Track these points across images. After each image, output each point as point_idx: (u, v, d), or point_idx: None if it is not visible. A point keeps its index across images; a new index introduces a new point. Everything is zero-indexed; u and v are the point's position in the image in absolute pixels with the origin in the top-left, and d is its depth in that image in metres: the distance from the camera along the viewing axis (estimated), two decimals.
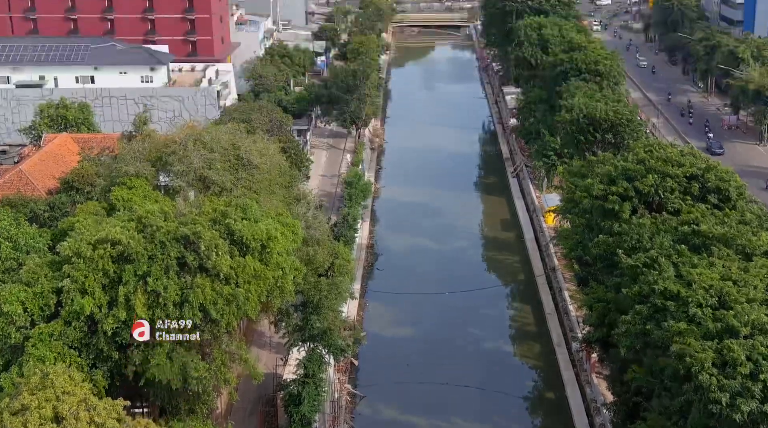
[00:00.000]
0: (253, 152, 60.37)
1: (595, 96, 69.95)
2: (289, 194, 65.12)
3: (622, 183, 50.65)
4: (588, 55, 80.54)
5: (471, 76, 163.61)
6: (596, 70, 79.34)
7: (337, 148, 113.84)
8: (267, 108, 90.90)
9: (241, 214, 49.59)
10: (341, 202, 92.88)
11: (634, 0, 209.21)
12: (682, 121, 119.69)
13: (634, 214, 50.21)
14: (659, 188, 49.68)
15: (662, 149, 52.91)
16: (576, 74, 79.57)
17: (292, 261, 48.48)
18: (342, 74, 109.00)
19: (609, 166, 52.57)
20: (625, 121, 63.96)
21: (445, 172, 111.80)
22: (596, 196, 51.11)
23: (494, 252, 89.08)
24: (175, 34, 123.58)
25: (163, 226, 45.50)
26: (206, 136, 59.35)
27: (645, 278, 38.62)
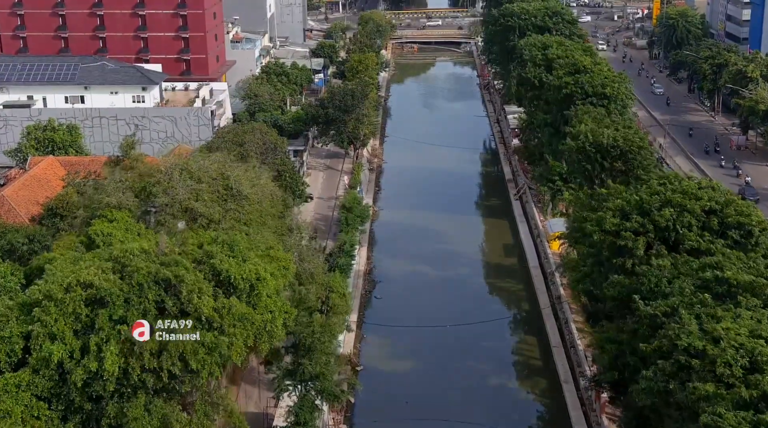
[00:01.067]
0: (243, 182, 57.15)
1: (603, 121, 66.66)
2: (282, 225, 61.79)
3: (636, 217, 47.33)
4: (594, 77, 77.30)
5: (472, 94, 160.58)
6: (603, 93, 76.11)
7: (335, 169, 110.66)
8: (261, 130, 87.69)
9: (228, 251, 46.30)
10: (338, 226, 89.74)
11: (637, 16, 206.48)
12: (690, 142, 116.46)
13: (649, 250, 46.89)
14: (676, 223, 46.38)
15: (678, 181, 49.59)
16: (582, 98, 76.33)
17: (282, 302, 45.18)
18: (339, 94, 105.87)
19: (621, 199, 49.21)
20: (636, 148, 60.68)
21: (446, 193, 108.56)
22: (608, 231, 47.79)
23: (497, 279, 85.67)
24: (168, 53, 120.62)
25: (142, 267, 42.21)
26: (193, 165, 56.10)
27: (666, 332, 35.24)
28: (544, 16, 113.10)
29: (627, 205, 48.42)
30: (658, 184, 49.82)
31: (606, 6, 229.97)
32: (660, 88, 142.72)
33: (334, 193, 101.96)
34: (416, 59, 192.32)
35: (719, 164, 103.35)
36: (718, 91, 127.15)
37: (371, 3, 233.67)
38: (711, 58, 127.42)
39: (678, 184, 49.29)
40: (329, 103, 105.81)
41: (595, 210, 51.38)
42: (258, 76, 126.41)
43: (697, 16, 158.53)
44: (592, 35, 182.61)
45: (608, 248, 47.67)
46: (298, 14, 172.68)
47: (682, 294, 37.72)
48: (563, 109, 78.06)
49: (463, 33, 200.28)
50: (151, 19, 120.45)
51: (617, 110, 76.04)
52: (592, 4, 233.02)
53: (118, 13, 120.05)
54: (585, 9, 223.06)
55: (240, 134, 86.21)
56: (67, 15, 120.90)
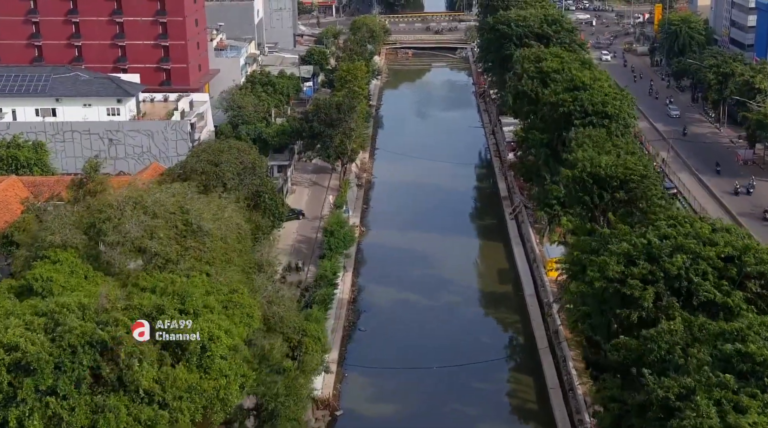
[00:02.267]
0: (205, 216, 51.46)
1: (604, 145, 61.07)
2: (250, 261, 56.16)
3: (643, 263, 41.77)
4: (594, 94, 71.60)
5: (467, 102, 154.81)
6: (604, 112, 70.42)
7: (321, 185, 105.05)
8: (238, 148, 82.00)
9: (179, 304, 40.70)
10: (322, 248, 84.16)
11: (638, 20, 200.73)
12: (694, 156, 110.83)
13: (658, 301, 41.28)
14: (689, 271, 40.82)
15: (690, 223, 43.99)
16: (581, 116, 70.70)
17: (238, 365, 39.53)
18: (325, 107, 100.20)
19: (627, 242, 43.59)
20: (638, 178, 55.08)
21: (438, 211, 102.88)
22: (612, 279, 42.22)
23: (490, 309, 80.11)
24: (147, 62, 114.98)
25: (76, 327, 36.65)
26: (148, 198, 50.42)
27: (680, 422, 29.71)
28: (542, 24, 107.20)
29: (633, 249, 42.80)
30: (668, 226, 44.17)
31: (607, 9, 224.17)
32: (676, 109, 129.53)
33: (319, 212, 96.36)
34: (411, 65, 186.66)
35: (734, 191, 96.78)
36: (724, 101, 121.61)
37: (365, 7, 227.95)
38: (716, 67, 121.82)
39: (690, 226, 43.67)
40: (314, 117, 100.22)
41: (597, 252, 45.79)
42: (242, 85, 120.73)
43: (700, 22, 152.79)
44: (595, 45, 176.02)
45: (612, 297, 42.13)
46: (287, 19, 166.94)
47: (698, 371, 32.20)
48: (561, 129, 72.49)
49: (459, 38, 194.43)
50: (129, 26, 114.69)
51: (619, 130, 70.38)
52: (591, 8, 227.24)
53: (95, 21, 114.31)
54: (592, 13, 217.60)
55: (216, 153, 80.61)
56: (40, 22, 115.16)
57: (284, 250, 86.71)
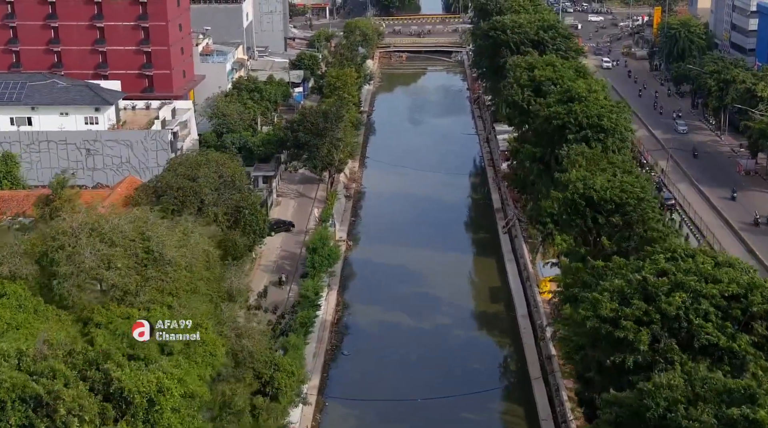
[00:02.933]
0: (168, 243, 47.71)
1: (600, 163, 57.36)
2: (219, 289, 52.41)
3: (638, 302, 38.08)
4: (590, 107, 67.82)
5: (461, 108, 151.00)
6: (600, 125, 66.66)
7: (307, 197, 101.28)
8: (217, 161, 78.32)
9: (128, 348, 36.98)
10: (305, 266, 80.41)
11: (637, 23, 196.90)
12: (694, 164, 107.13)
13: (655, 343, 37.57)
14: (689, 312, 37.14)
15: (690, 256, 40.26)
16: (576, 130, 66.96)
17: (192, 418, 35.78)
18: (311, 116, 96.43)
19: (620, 278, 39.85)
20: (634, 201, 51.33)
21: (429, 224, 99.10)
22: (605, 318, 38.53)
23: (481, 332, 76.37)
24: (129, 68, 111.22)
25: (6, 380, 32.90)
26: (106, 224, 46.68)
27: None
28: (538, 30, 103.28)
29: (627, 285, 39.12)
30: (666, 260, 40.44)
31: (604, 11, 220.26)
32: (684, 125, 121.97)
33: (304, 226, 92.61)
34: (405, 69, 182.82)
35: (731, 196, 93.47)
36: (725, 109, 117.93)
37: (359, 9, 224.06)
38: (717, 73, 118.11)
39: (690, 260, 39.93)
40: (299, 126, 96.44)
41: (589, 286, 42.10)
42: (228, 92, 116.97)
43: (700, 26, 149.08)
44: (596, 52, 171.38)
45: (605, 338, 38.42)
46: (278, 22, 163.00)
47: None
48: (554, 142, 68.75)
49: (454, 41, 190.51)
50: (110, 31, 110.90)
51: (615, 145, 66.64)
52: (589, 9, 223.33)
53: (74, 25, 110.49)
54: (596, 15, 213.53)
55: (193, 167, 76.93)
56: (18, 27, 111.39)
57: (267, 267, 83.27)
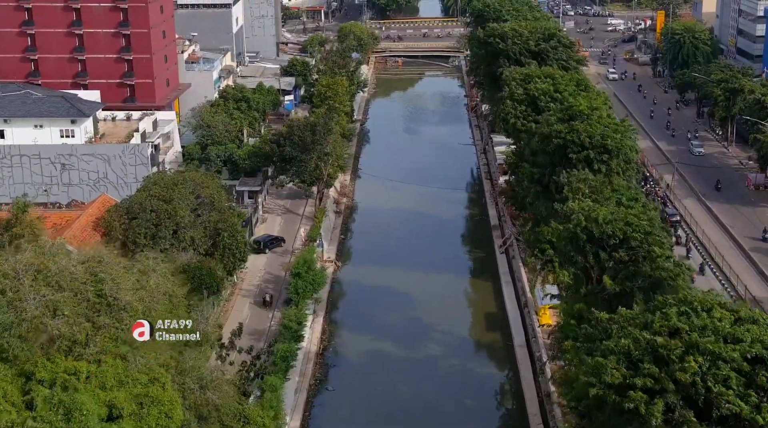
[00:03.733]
0: (124, 285, 42.84)
1: (603, 191, 52.49)
2: None
3: (649, 367, 33.26)
4: (593, 126, 62.83)
5: (458, 116, 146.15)
6: (603, 146, 61.72)
7: (295, 213, 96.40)
8: (194, 180, 73.59)
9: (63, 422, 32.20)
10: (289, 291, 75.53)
11: (639, 26, 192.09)
12: (700, 178, 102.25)
13: (669, 413, 32.75)
14: (707, 377, 32.37)
15: (707, 310, 35.40)
16: (578, 150, 62.06)
17: None
18: (298, 129, 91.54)
19: (627, 337, 34.94)
20: (641, 235, 46.41)
21: (422, 242, 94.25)
22: (610, 385, 33.70)
23: (476, 363, 71.38)
24: (109, 77, 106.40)
25: None
26: (53, 265, 41.80)
27: None
28: (538, 40, 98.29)
29: (636, 346, 34.27)
30: (678, 315, 35.52)
31: (604, 15, 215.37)
32: (700, 146, 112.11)
33: (290, 246, 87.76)
34: (400, 74, 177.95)
35: (762, 237, 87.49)
36: (732, 119, 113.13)
37: (355, 12, 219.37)
38: (724, 82, 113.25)
39: (707, 315, 35.03)
40: (286, 140, 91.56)
41: (591, 339, 37.22)
42: (214, 102, 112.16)
43: (705, 31, 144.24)
44: (601, 60, 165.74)
45: (612, 409, 33.58)
46: (270, 27, 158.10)
47: None
48: (554, 162, 63.89)
49: (452, 46, 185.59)
50: (90, 38, 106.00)
51: (620, 166, 61.76)
52: (592, 13, 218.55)
53: (52, 32, 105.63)
54: None
55: (168, 187, 72.19)
56: None
57: (249, 291, 78.53)
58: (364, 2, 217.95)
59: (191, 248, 71.27)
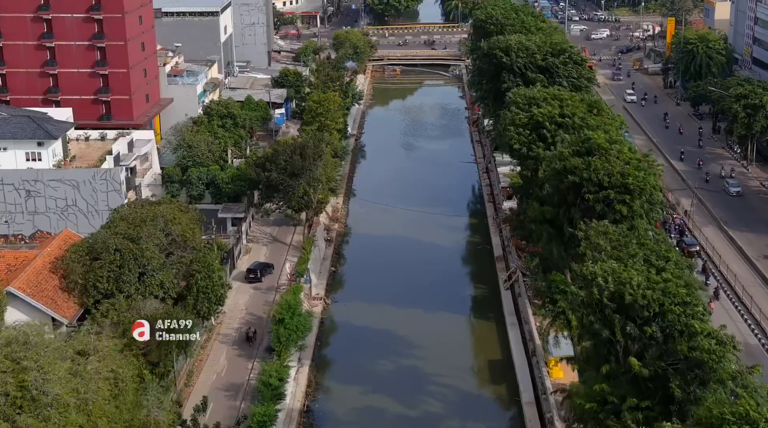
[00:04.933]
0: (54, 373, 35.31)
1: (628, 247, 44.88)
2: (132, 423, 39.96)
3: None
4: (613, 163, 55.13)
5: (459, 130, 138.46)
6: (624, 185, 54.06)
7: (282, 242, 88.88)
8: (165, 216, 66.11)
9: None
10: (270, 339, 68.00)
11: (647, 32, 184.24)
12: (722, 205, 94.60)
13: None
14: None
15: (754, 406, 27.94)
16: (595, 190, 54.46)
17: None
18: (285, 153, 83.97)
19: None
20: (679, 307, 38.82)
21: (420, 275, 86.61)
22: None
23: (478, 424, 63.66)
24: (83, 93, 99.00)
25: None
26: None
27: None
28: (546, 54, 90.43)
29: None
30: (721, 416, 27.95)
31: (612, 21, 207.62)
32: (737, 185, 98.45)
33: (275, 281, 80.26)
34: (398, 84, 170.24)
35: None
36: (753, 137, 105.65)
37: (352, 17, 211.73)
38: (744, 98, 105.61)
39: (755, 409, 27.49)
40: (272, 165, 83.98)
41: None
42: (197, 119, 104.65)
43: (720, 41, 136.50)
44: (615, 75, 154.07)
45: None
46: (261, 35, 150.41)
47: None
48: (568, 201, 56.35)
49: (452, 54, 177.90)
50: (62, 51, 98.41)
51: (643, 208, 54.20)
52: (596, 18, 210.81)
53: (21, 45, 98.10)
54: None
55: (135, 224, 64.80)
56: None
57: (228, 337, 71.10)
58: (362, 7, 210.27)
59: (161, 291, 64.05)
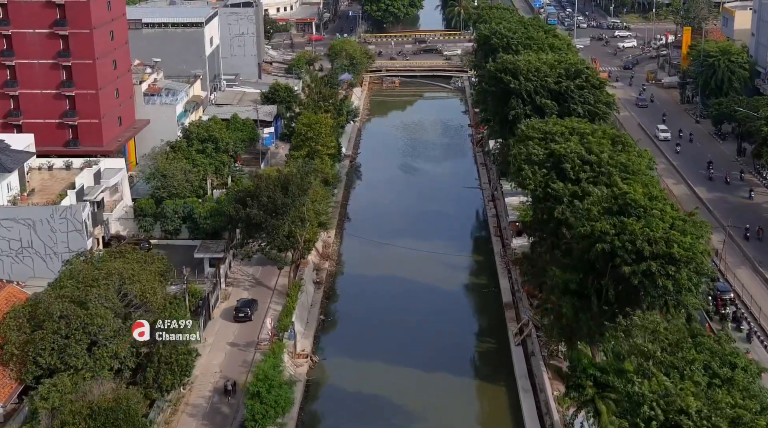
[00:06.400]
0: None
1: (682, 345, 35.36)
2: None
3: None
4: (654, 225, 45.20)
5: (461, 150, 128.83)
6: (669, 255, 44.46)
7: (266, 286, 79.42)
8: (121, 273, 56.75)
9: None
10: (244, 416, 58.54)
11: (660, 41, 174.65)
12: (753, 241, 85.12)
13: None
14: None
15: None
16: (631, 259, 44.89)
17: None
18: (267, 188, 74.40)
19: None
20: None
21: (419, 325, 77.08)
22: None
23: None
24: (47, 117, 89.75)
25: None
26: None
27: None
28: (559, 77, 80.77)
29: None
30: None
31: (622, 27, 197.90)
32: None
33: (255, 335, 70.84)
34: (397, 96, 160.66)
35: None
36: None
37: (349, 24, 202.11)
38: None
39: None
40: (253, 201, 74.40)
41: None
42: (176, 142, 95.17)
43: (743, 54, 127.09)
44: (640, 102, 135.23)
45: None
46: (251, 45, 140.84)
47: None
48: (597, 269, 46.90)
49: (454, 64, 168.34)
50: (23, 71, 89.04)
51: (691, 282, 44.72)
52: (605, 25, 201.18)
53: None
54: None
55: (85, 284, 55.46)
56: None
57: (197, 407, 61.60)
58: (359, 14, 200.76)
59: (116, 362, 54.78)
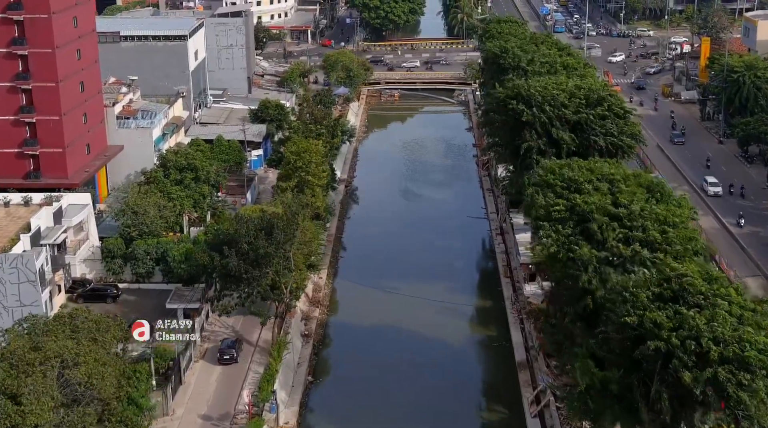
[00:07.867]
0: None
1: None
2: None
3: None
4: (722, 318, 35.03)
5: (466, 173, 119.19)
6: (742, 358, 34.37)
7: (247, 341, 70.07)
8: (63, 354, 47.43)
9: None
10: None
11: (675, 51, 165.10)
12: None
13: None
14: None
15: None
16: (693, 364, 35.12)
17: None
18: (247, 234, 65.01)
19: None
20: None
21: (421, 390, 67.61)
22: None
23: None
24: (5, 146, 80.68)
25: None
26: None
27: None
28: (578, 106, 71.22)
29: None
30: None
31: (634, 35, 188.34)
32: None
33: (234, 399, 61.57)
34: (397, 111, 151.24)
35: None
36: None
37: (347, 32, 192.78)
38: None
39: None
40: (231, 248, 64.95)
41: None
42: (150, 173, 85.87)
43: None
44: (676, 138, 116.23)
45: None
46: (240, 58, 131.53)
47: None
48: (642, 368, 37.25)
49: (457, 76, 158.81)
50: None
51: None
52: (614, 33, 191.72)
53: None
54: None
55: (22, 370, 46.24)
56: None
57: None
58: (357, 21, 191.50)
59: None
